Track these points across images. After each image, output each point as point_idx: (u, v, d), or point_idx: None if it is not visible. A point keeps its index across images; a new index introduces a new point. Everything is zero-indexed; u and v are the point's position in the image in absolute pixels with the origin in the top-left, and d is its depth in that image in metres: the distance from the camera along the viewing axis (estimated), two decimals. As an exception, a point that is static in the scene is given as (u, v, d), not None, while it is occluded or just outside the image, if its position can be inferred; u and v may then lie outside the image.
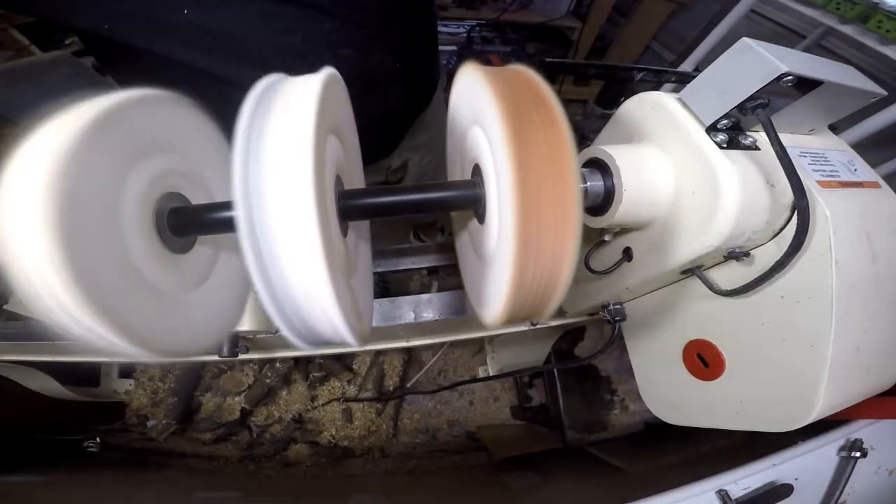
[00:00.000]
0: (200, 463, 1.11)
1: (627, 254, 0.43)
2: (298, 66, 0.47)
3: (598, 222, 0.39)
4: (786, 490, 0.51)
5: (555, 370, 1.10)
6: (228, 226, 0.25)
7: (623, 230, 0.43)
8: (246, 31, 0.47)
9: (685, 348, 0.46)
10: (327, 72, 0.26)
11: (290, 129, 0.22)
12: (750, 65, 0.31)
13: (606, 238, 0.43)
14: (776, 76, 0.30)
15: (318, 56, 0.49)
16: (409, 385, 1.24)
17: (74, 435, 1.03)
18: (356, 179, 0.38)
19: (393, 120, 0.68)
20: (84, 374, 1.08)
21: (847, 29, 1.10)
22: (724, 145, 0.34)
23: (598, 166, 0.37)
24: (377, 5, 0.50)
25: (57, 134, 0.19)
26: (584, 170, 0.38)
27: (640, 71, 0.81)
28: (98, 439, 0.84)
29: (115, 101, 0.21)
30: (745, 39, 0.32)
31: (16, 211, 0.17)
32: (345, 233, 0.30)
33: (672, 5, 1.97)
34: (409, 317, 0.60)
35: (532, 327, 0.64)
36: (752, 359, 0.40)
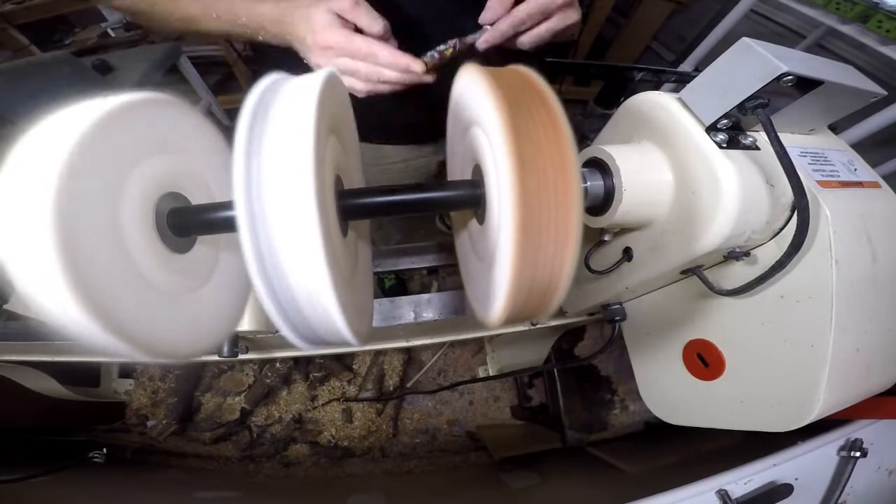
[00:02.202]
0: (200, 463, 1.11)
1: (627, 254, 0.43)
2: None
3: (598, 222, 0.39)
4: (786, 490, 0.51)
5: (555, 370, 1.10)
6: (228, 225, 0.25)
7: (623, 230, 0.43)
8: None
9: (685, 348, 0.46)
10: (327, 71, 0.26)
11: (290, 129, 0.22)
12: (750, 64, 0.31)
13: (606, 238, 0.43)
14: (776, 76, 0.30)
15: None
16: (409, 385, 1.24)
17: (74, 435, 1.03)
18: (356, 179, 0.38)
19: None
20: (84, 374, 1.08)
21: (847, 29, 1.11)
22: (724, 145, 0.34)
23: (598, 166, 0.38)
24: None
25: (57, 135, 0.19)
26: (584, 170, 0.38)
27: (640, 71, 0.81)
28: (104, 450, 0.83)
29: (115, 103, 0.21)
30: (745, 39, 0.32)
31: (15, 210, 0.17)
32: (345, 232, 0.30)
33: (672, 5, 1.97)
34: (409, 317, 0.60)
35: (532, 327, 0.64)
36: (752, 358, 0.40)
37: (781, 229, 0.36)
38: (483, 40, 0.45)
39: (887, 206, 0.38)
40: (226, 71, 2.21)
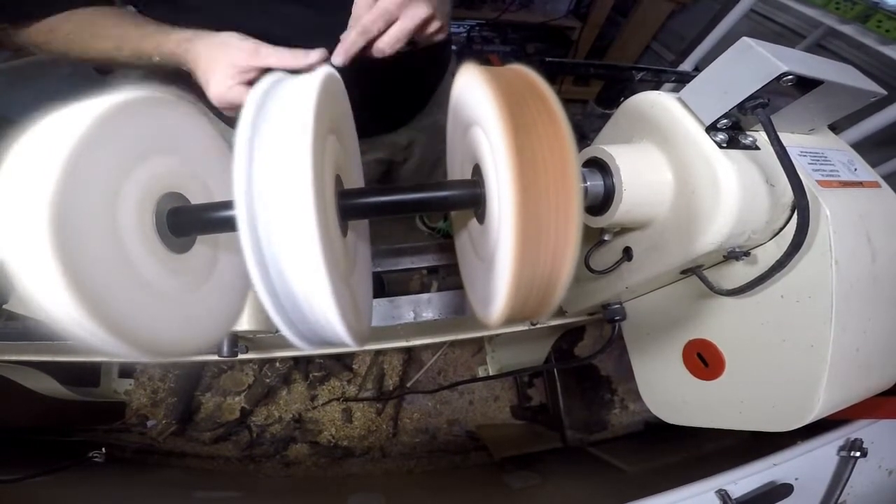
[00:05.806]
0: (200, 463, 1.10)
1: (627, 253, 0.43)
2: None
3: (598, 222, 0.39)
4: (786, 490, 0.51)
5: (555, 370, 1.10)
6: (228, 225, 0.25)
7: (623, 230, 0.43)
8: None
9: (685, 348, 0.46)
10: (325, 71, 0.26)
11: (289, 129, 0.22)
12: (750, 64, 0.31)
13: (606, 238, 0.43)
14: (776, 76, 0.30)
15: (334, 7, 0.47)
16: (409, 385, 1.24)
17: (74, 435, 1.03)
18: (356, 179, 0.38)
19: (403, 90, 0.68)
20: (84, 374, 1.08)
21: (847, 29, 1.10)
22: (724, 145, 0.34)
23: (598, 166, 0.37)
24: None
25: (56, 134, 0.19)
26: (584, 169, 0.38)
27: (640, 71, 0.81)
28: (104, 450, 0.83)
29: (114, 103, 0.21)
30: (745, 39, 0.32)
31: (14, 210, 0.17)
32: (344, 232, 0.30)
33: (672, 5, 1.97)
34: (408, 316, 0.60)
35: (532, 327, 0.64)
36: (752, 358, 0.40)
37: (781, 229, 0.36)
38: (336, 54, 0.43)
39: (887, 206, 0.38)
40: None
